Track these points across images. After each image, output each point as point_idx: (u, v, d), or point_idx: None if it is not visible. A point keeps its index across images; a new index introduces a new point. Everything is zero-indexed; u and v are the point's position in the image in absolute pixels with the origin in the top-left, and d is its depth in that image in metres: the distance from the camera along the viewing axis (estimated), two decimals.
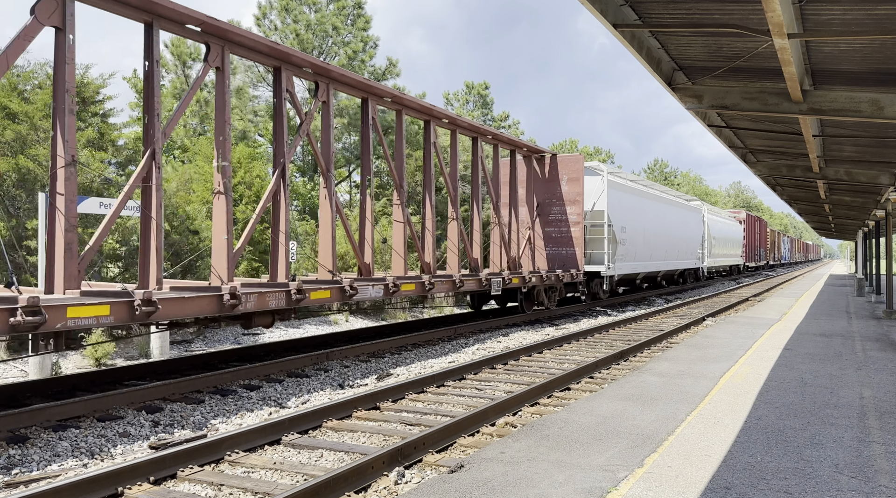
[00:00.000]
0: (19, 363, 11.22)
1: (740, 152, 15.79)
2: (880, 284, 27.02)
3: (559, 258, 19.68)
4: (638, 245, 23.72)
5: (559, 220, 19.82)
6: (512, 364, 11.24)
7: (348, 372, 10.41)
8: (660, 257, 26.85)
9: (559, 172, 19.84)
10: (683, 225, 30.78)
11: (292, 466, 5.93)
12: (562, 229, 19.79)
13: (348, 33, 29.44)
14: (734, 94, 9.90)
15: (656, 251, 26.21)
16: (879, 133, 11.55)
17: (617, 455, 5.61)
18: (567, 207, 19.65)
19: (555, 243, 19.85)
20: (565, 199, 19.72)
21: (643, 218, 24.47)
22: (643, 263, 24.82)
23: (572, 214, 19.66)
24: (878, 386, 8.53)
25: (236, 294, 9.12)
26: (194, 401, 8.29)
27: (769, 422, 6.68)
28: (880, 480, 5.10)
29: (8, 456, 6.21)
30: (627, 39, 7.78)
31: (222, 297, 8.98)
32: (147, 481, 5.53)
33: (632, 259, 23.26)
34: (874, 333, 14.27)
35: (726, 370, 9.46)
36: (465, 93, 39.18)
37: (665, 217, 27.66)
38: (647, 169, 76.03)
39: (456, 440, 6.71)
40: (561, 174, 19.81)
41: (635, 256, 23.59)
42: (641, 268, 24.73)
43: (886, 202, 19.18)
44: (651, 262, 25.76)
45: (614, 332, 15.75)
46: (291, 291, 10.13)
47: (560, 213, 19.81)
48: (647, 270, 25.56)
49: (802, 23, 7.20)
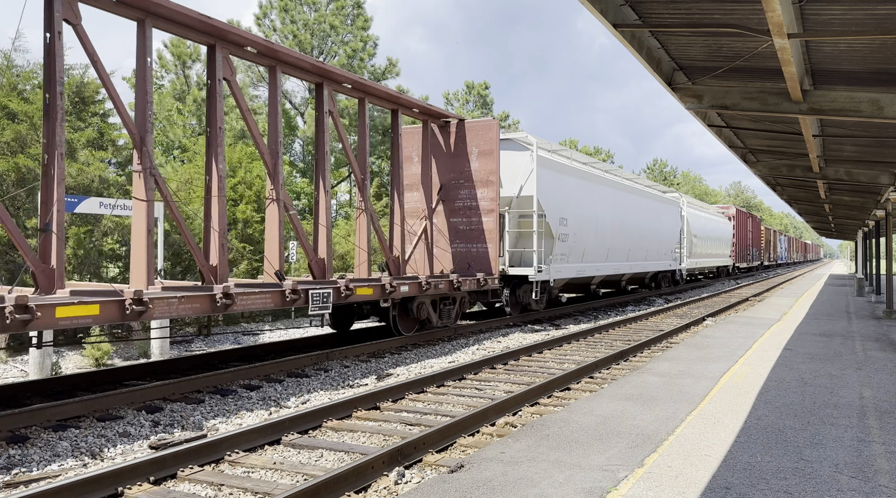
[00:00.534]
0: (19, 363, 11.22)
1: (740, 152, 15.79)
2: (880, 284, 27.02)
3: (469, 258, 15.40)
4: (587, 242, 19.29)
5: (468, 207, 15.36)
6: (512, 364, 11.24)
7: (348, 372, 10.41)
8: (621, 257, 22.26)
9: (467, 145, 15.26)
10: (655, 219, 25.89)
11: (292, 466, 5.93)
12: (471, 220, 15.32)
13: (347, 33, 29.45)
14: (734, 94, 9.90)
15: (616, 250, 21.75)
16: (879, 133, 11.56)
17: (617, 455, 5.61)
18: (478, 191, 15.21)
19: (463, 239, 15.45)
20: (475, 179, 15.20)
21: (595, 208, 19.98)
22: (596, 264, 20.25)
23: (484, 200, 15.14)
24: (878, 386, 8.53)
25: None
26: (194, 401, 8.29)
27: (769, 422, 6.68)
28: (880, 479, 5.10)
29: (8, 456, 6.20)
30: (627, 39, 7.79)
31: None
32: (147, 481, 5.53)
33: (578, 259, 18.79)
34: (874, 333, 14.28)
35: (726, 370, 9.46)
36: (465, 93, 39.19)
37: (629, 209, 23.03)
38: (647, 169, 76.07)
39: (456, 440, 6.71)
40: (470, 147, 15.25)
41: (584, 256, 19.21)
42: (593, 270, 20.04)
43: (886, 202, 19.19)
44: (609, 263, 21.27)
45: (614, 332, 15.76)
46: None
47: (469, 198, 15.36)
48: (602, 273, 20.92)
49: (802, 23, 7.20)
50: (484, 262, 15.18)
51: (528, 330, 15.90)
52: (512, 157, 16.27)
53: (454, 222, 15.54)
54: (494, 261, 15.06)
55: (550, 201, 16.72)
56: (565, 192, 17.83)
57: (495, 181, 15.02)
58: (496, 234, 15.04)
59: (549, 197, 16.65)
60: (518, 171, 16.24)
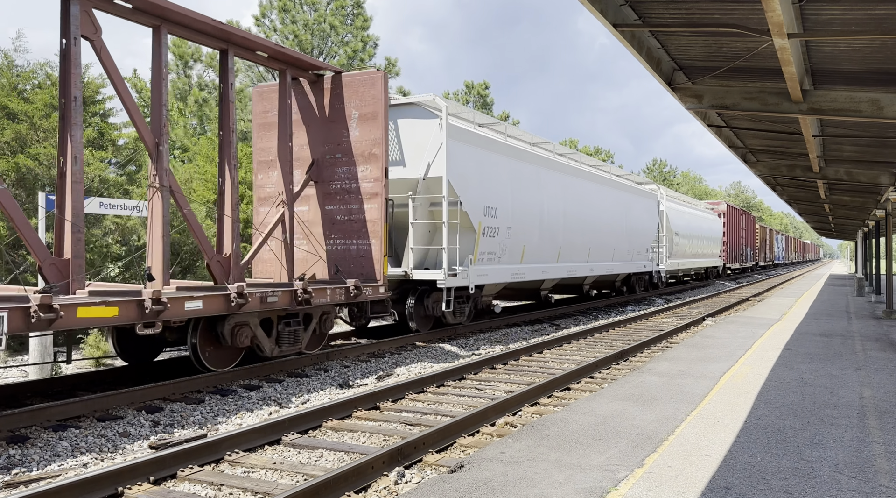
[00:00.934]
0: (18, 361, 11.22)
1: (740, 152, 15.80)
2: (880, 284, 27.03)
3: (348, 258, 11.69)
4: (529, 238, 15.79)
5: (347, 190, 11.61)
6: (512, 364, 11.24)
7: (348, 372, 10.41)
8: (578, 257, 18.74)
9: (345, 106, 11.56)
10: (625, 214, 22.51)
11: (292, 466, 5.93)
12: (350, 207, 11.55)
13: (347, 33, 29.45)
14: (734, 94, 9.91)
15: (572, 248, 18.24)
16: (879, 133, 11.56)
17: (617, 455, 5.61)
18: (359, 168, 11.46)
19: (341, 233, 11.73)
20: (355, 152, 11.43)
21: (542, 198, 16.43)
22: (543, 265, 16.65)
23: (367, 181, 11.37)
24: (878, 386, 8.53)
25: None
26: (194, 401, 8.29)
27: (769, 422, 6.68)
28: (880, 479, 5.10)
29: (8, 456, 6.20)
30: (627, 39, 7.79)
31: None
32: (147, 481, 5.53)
33: (514, 260, 15.29)
34: (874, 333, 14.28)
35: (726, 370, 9.46)
36: (465, 93, 39.20)
37: (591, 200, 19.60)
38: (647, 168, 76.08)
39: (456, 440, 6.71)
40: (349, 109, 11.51)
41: (525, 256, 15.73)
42: (538, 273, 16.40)
43: (886, 202, 19.19)
44: (562, 264, 17.67)
45: (614, 332, 15.76)
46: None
47: (348, 178, 11.58)
48: (552, 277, 17.33)
49: (802, 23, 7.20)
50: (367, 264, 11.45)
51: (528, 330, 15.82)
52: (416, 128, 12.74)
53: (330, 211, 11.77)
54: (379, 262, 11.34)
55: (470, 185, 13.26)
56: (494, 176, 14.27)
57: (380, 155, 11.20)
58: (381, 225, 11.27)
59: (467, 180, 13.15)
60: (425, 146, 12.63)
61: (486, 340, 14.06)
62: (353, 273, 11.55)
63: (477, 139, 13.92)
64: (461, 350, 12.72)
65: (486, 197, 13.90)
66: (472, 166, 13.48)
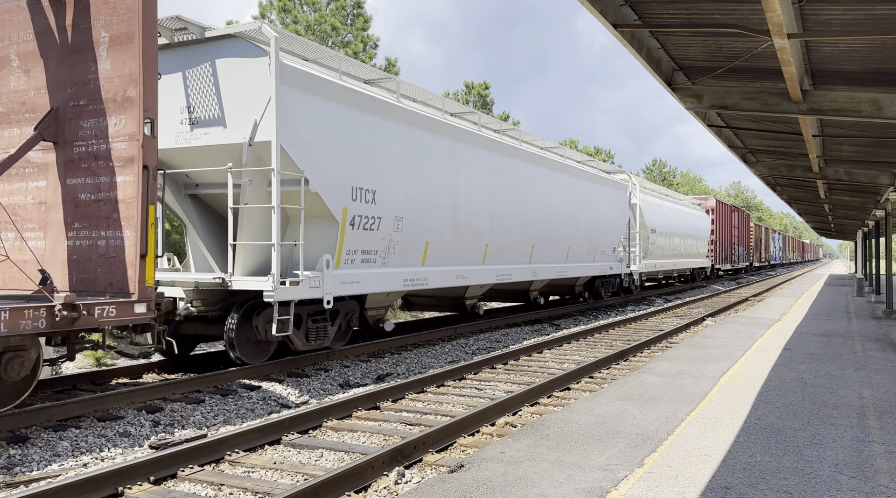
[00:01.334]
0: None
1: (740, 152, 15.81)
2: (880, 284, 27.05)
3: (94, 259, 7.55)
4: (436, 233, 12.20)
5: (95, 154, 7.55)
6: (512, 364, 11.25)
7: (348, 372, 10.41)
8: (516, 258, 15.25)
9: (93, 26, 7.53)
10: (582, 206, 18.64)
11: (292, 466, 5.94)
12: (98, 180, 7.53)
13: (347, 33, 29.47)
14: (734, 94, 9.92)
15: (506, 247, 14.68)
16: (879, 133, 11.57)
17: (617, 455, 5.61)
18: (110, 120, 7.43)
19: (87, 220, 7.62)
20: (105, 95, 7.46)
21: (458, 181, 12.77)
22: (461, 268, 13.09)
23: (119, 140, 7.36)
24: (878, 386, 8.54)
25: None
26: (194, 401, 8.29)
27: (769, 422, 6.69)
28: (880, 479, 5.10)
29: (8, 456, 6.21)
30: (627, 39, 7.80)
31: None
32: (147, 481, 5.54)
33: (412, 261, 11.68)
34: (874, 333, 14.28)
35: (726, 370, 9.46)
36: (465, 93, 39.22)
37: (535, 187, 15.83)
38: (646, 169, 76.10)
39: (456, 440, 6.71)
40: (97, 31, 7.49)
41: (428, 257, 12.09)
42: (452, 278, 12.75)
43: (886, 202, 19.21)
44: (491, 266, 14.17)
45: (614, 332, 15.76)
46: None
47: (97, 138, 7.54)
48: (478, 282, 13.71)
49: (802, 23, 7.21)
50: (117, 267, 7.43)
51: (528, 330, 15.78)
52: (240, 72, 9.06)
53: (74, 187, 7.75)
54: (133, 266, 7.26)
55: (327, 157, 9.60)
56: (376, 147, 10.58)
57: (135, 99, 7.22)
58: (137, 208, 7.20)
59: (321, 149, 9.50)
60: (251, 98, 8.98)
61: (485, 339, 14.07)
62: (100, 282, 7.56)
63: (342, 94, 9.90)
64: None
65: (357, 175, 10.16)
66: (333, 131, 9.73)
